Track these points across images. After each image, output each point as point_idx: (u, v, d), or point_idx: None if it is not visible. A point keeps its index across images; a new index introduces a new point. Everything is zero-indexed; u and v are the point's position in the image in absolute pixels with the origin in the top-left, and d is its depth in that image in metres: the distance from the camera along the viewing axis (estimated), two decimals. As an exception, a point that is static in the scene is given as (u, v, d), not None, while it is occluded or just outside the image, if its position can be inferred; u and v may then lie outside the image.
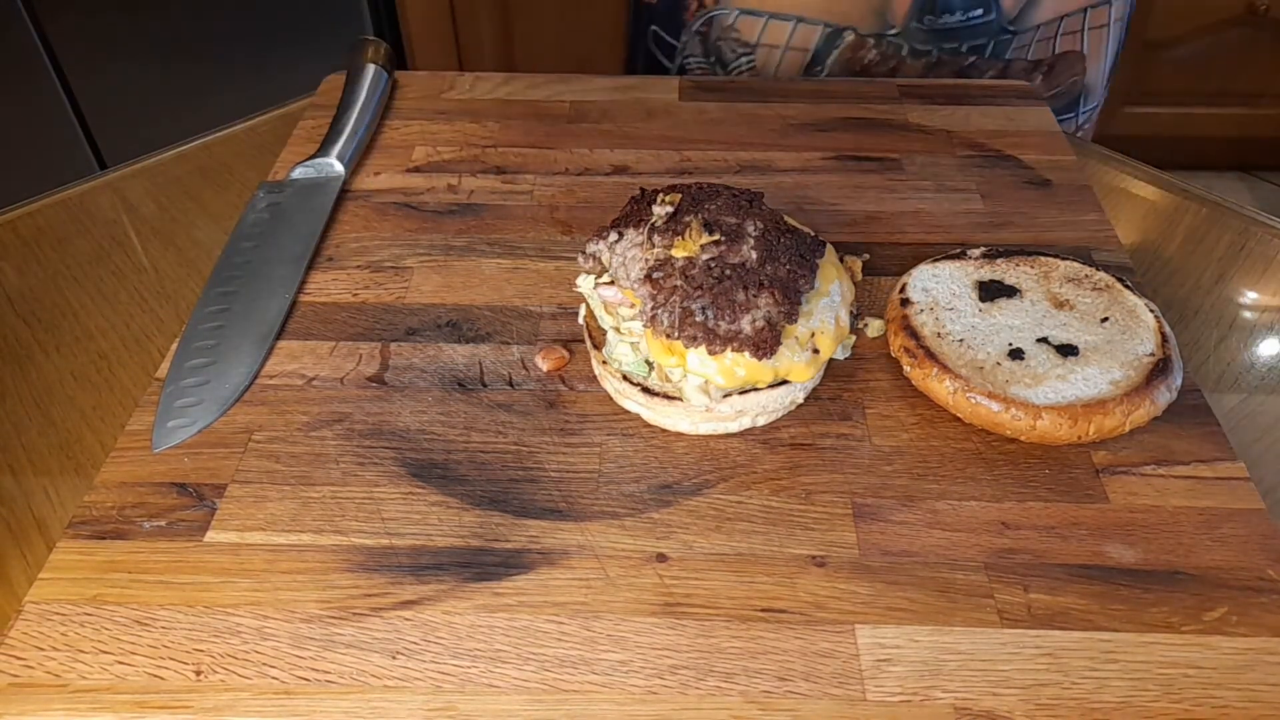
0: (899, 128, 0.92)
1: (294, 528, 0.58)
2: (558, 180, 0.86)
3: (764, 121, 0.93)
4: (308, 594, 0.54)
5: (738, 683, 0.50)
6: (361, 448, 0.62)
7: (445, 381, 0.67)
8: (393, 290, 0.75)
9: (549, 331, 0.71)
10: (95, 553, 0.56)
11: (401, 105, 0.96)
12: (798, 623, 0.53)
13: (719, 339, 0.59)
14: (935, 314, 0.67)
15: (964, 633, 0.52)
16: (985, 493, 0.60)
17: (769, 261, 0.61)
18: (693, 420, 0.63)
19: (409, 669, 0.51)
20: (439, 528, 0.58)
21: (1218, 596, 0.54)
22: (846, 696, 0.50)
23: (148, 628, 0.53)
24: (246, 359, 0.68)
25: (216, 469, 0.61)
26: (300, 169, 0.85)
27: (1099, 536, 0.57)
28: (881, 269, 0.76)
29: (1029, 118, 0.93)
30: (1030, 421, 0.60)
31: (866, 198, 0.84)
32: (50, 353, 0.75)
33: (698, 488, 0.60)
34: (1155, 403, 0.61)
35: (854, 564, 0.56)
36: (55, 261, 0.84)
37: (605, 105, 0.95)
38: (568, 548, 0.57)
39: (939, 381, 0.63)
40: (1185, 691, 0.50)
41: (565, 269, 0.76)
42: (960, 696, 0.50)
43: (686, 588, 0.55)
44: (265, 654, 0.52)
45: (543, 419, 0.64)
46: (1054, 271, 0.71)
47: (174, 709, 0.49)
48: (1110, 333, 0.66)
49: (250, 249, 0.78)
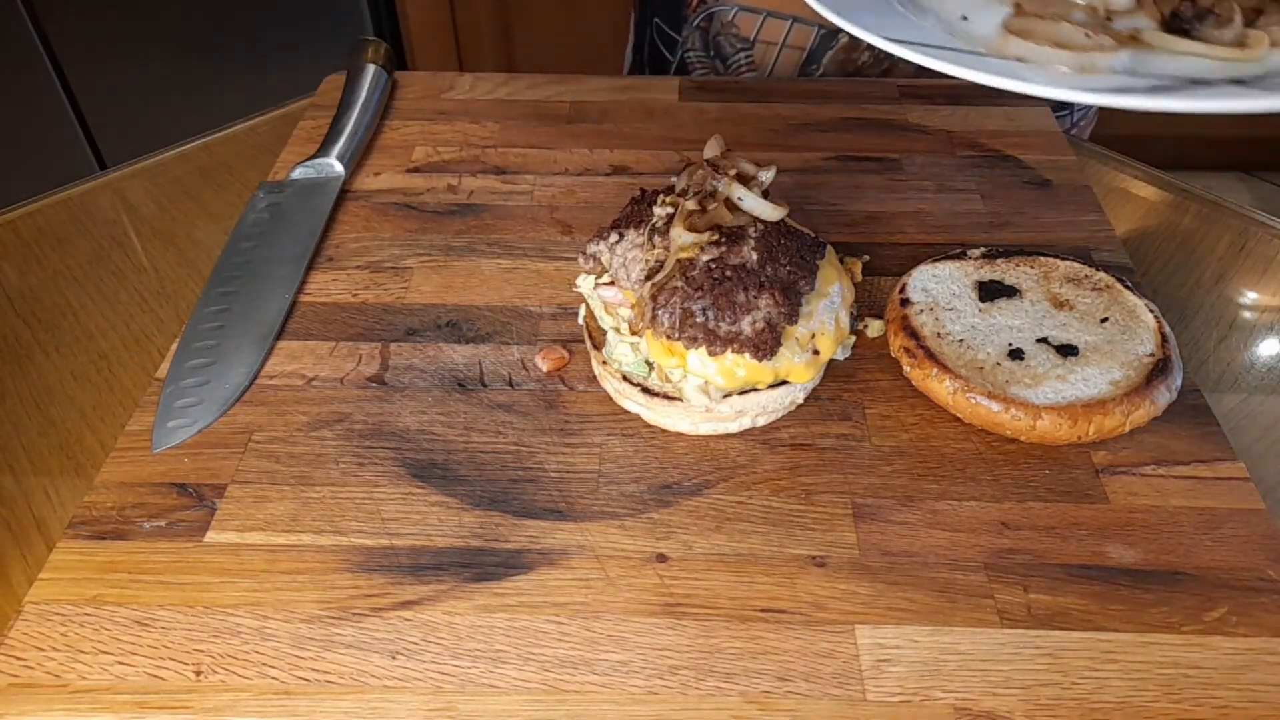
0: (899, 128, 0.92)
1: (294, 528, 0.58)
2: (558, 180, 0.86)
3: (764, 122, 0.93)
4: (307, 594, 0.54)
5: (738, 683, 0.50)
6: (361, 448, 0.62)
7: (445, 382, 0.67)
8: (392, 290, 0.75)
9: (549, 332, 0.71)
10: (95, 553, 0.56)
11: (401, 105, 0.96)
12: (798, 623, 0.53)
13: (719, 340, 0.59)
14: (935, 314, 0.67)
15: (964, 633, 0.52)
16: (985, 493, 0.60)
17: (769, 263, 0.61)
18: (693, 420, 0.63)
19: (409, 669, 0.51)
20: (439, 528, 0.58)
21: (1218, 596, 0.54)
22: (846, 697, 0.50)
23: (147, 628, 0.53)
24: (246, 359, 0.68)
25: (216, 469, 0.61)
26: (300, 169, 0.85)
27: (1099, 537, 0.57)
28: (881, 269, 0.76)
29: (1029, 118, 0.93)
30: (1030, 422, 0.60)
31: (866, 198, 0.84)
32: (50, 353, 0.75)
33: (698, 488, 0.60)
34: (1155, 403, 0.61)
35: (854, 564, 0.56)
36: (55, 261, 0.84)
37: (605, 105, 0.95)
38: (568, 548, 0.57)
39: (939, 382, 0.63)
40: (1185, 692, 0.50)
41: (565, 269, 0.76)
42: (960, 697, 0.50)
43: (686, 588, 0.55)
44: (265, 654, 0.52)
45: (543, 419, 0.64)
46: (1054, 272, 0.71)
47: (174, 709, 0.49)
48: (1110, 333, 0.66)
49: (250, 249, 0.78)
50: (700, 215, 0.61)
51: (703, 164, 0.65)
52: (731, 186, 0.62)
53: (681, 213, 0.62)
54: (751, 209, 0.62)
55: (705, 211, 0.61)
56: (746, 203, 0.62)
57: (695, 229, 0.61)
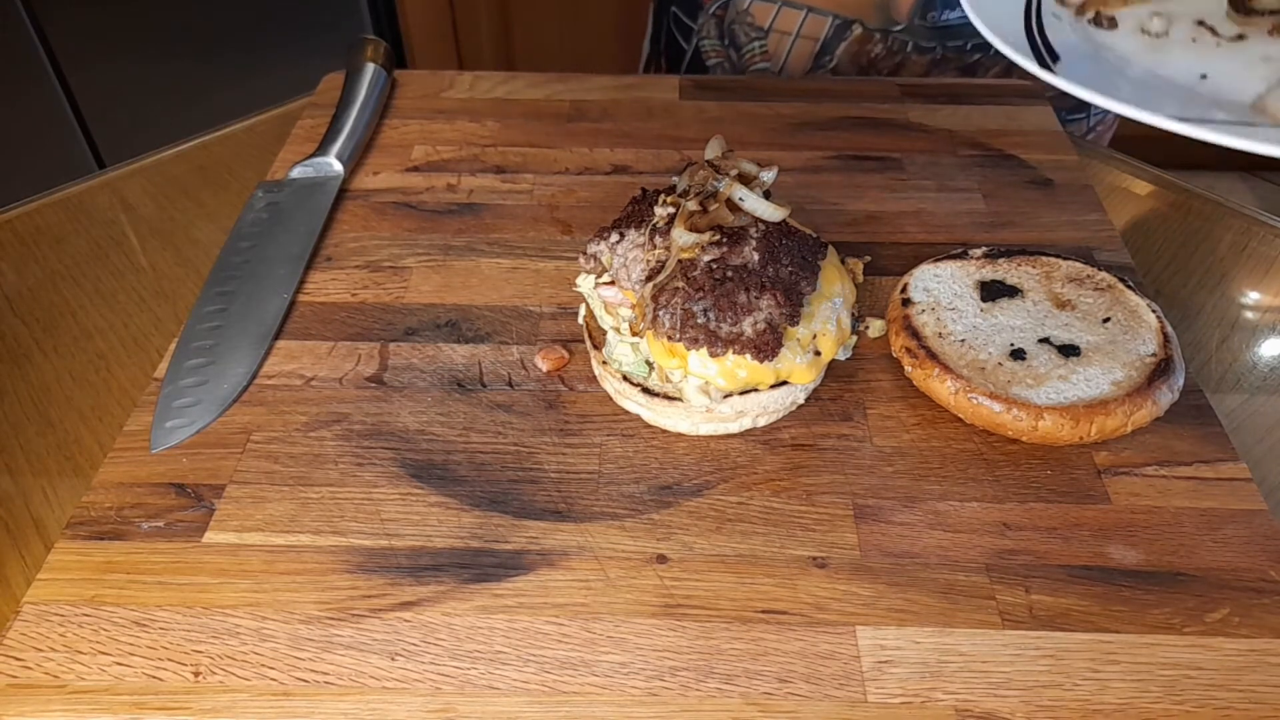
0: (900, 127, 0.92)
1: (292, 528, 0.57)
2: (558, 180, 0.86)
3: (764, 121, 0.92)
4: (306, 595, 0.54)
5: (738, 684, 0.50)
6: (360, 448, 0.62)
7: (444, 382, 0.67)
8: (392, 290, 0.74)
9: (549, 331, 0.71)
10: (93, 553, 0.56)
11: (401, 104, 0.96)
12: (798, 624, 0.53)
13: (721, 341, 0.59)
14: (937, 314, 0.67)
15: (965, 634, 0.52)
16: (987, 494, 0.60)
17: (771, 263, 0.61)
18: (693, 421, 0.62)
19: (408, 670, 0.51)
20: (438, 529, 0.58)
21: (1220, 597, 0.54)
22: (847, 698, 0.50)
23: (146, 629, 0.52)
24: (245, 359, 0.68)
25: (215, 469, 0.61)
26: (299, 168, 0.84)
27: (1101, 537, 0.57)
28: (883, 269, 0.76)
29: (1031, 117, 0.93)
30: (1032, 422, 0.60)
31: (867, 197, 0.83)
32: (48, 353, 0.75)
33: (698, 489, 0.60)
34: (1157, 403, 0.61)
35: (855, 565, 0.56)
36: (53, 261, 0.84)
37: (605, 104, 0.95)
38: (567, 549, 0.57)
39: (940, 382, 0.63)
40: (1187, 693, 0.50)
41: (565, 269, 0.76)
42: (961, 698, 0.50)
43: (687, 589, 0.54)
44: (264, 655, 0.51)
45: (542, 419, 0.64)
46: (1056, 271, 0.70)
47: (172, 710, 0.49)
48: (1112, 333, 0.65)
49: (249, 248, 0.78)
50: (701, 216, 0.61)
51: (704, 164, 0.65)
52: (733, 187, 0.62)
53: (683, 213, 0.61)
54: (753, 210, 0.62)
55: (706, 212, 0.61)
56: (748, 203, 0.62)
57: (697, 229, 0.61)
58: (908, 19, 1.04)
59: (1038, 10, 0.70)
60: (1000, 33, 0.66)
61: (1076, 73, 0.63)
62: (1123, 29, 0.69)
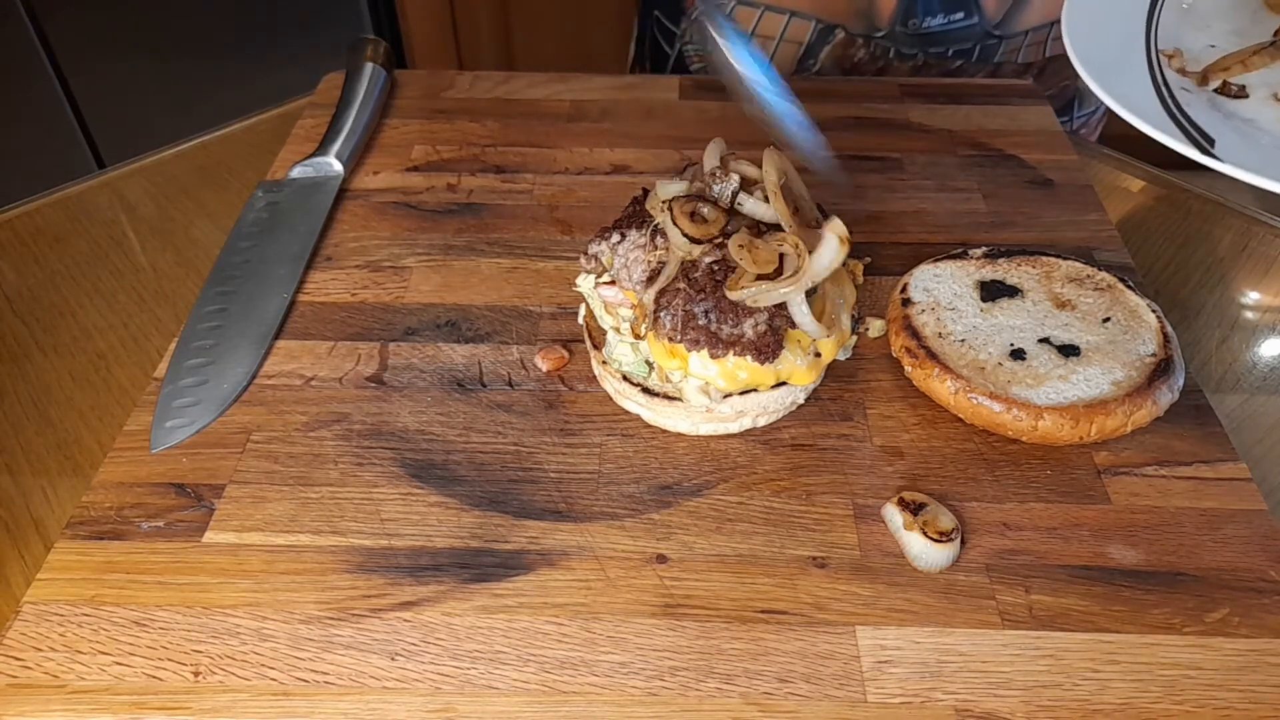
0: (900, 127, 0.92)
1: (292, 528, 0.57)
2: (557, 180, 0.86)
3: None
4: (306, 595, 0.54)
5: (738, 684, 0.50)
6: (360, 448, 0.62)
7: (444, 382, 0.67)
8: (391, 290, 0.74)
9: (549, 331, 0.71)
10: (93, 553, 0.56)
11: (401, 104, 0.96)
12: (798, 624, 0.53)
13: (721, 342, 0.59)
14: (937, 314, 0.67)
15: (965, 634, 0.52)
16: (986, 493, 0.60)
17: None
18: (693, 421, 0.62)
19: (408, 670, 0.51)
20: (438, 529, 0.58)
21: (1220, 597, 0.54)
22: (847, 698, 0.50)
23: (146, 629, 0.52)
24: (245, 359, 0.68)
25: (215, 469, 0.61)
26: (299, 168, 0.84)
27: (1101, 537, 0.57)
28: (883, 269, 0.76)
29: (1031, 117, 0.93)
30: (1032, 422, 0.60)
31: (868, 197, 0.83)
32: (48, 352, 0.75)
33: (698, 489, 0.60)
34: (1157, 403, 0.61)
35: (855, 565, 0.56)
36: (53, 261, 0.84)
37: (605, 104, 0.95)
38: (567, 549, 0.57)
39: (940, 382, 0.63)
40: (1187, 693, 0.50)
41: (565, 269, 0.76)
42: (961, 698, 0.49)
43: (686, 589, 0.54)
44: (263, 655, 0.51)
45: (542, 419, 0.64)
46: (1056, 271, 0.70)
47: (172, 710, 0.49)
48: (1112, 333, 0.65)
49: (249, 248, 0.78)
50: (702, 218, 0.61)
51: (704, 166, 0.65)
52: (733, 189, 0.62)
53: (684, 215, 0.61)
54: (753, 213, 0.62)
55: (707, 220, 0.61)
56: (748, 206, 0.62)
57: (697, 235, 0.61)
58: (889, 25, 1.04)
59: (1166, 84, 0.66)
60: (1144, 115, 0.62)
61: (1232, 152, 0.59)
62: (1254, 97, 0.66)
